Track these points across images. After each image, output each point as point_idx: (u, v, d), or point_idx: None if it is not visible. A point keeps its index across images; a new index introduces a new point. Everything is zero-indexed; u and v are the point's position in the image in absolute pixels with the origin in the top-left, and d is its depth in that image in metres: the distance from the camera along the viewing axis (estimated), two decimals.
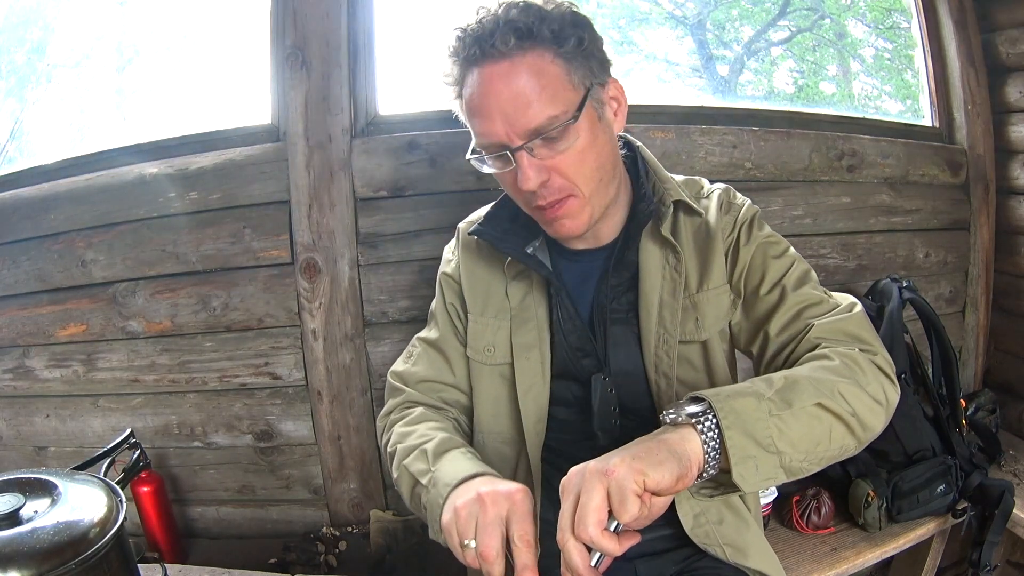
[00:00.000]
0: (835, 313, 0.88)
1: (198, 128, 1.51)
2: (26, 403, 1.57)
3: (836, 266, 1.73)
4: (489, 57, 0.83)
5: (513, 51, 0.82)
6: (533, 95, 0.82)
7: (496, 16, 0.83)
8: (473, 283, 1.04)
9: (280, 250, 1.47)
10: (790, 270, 0.93)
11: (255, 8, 1.45)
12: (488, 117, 0.84)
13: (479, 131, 0.87)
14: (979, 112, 1.81)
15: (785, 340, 0.89)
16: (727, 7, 1.94)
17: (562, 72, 0.83)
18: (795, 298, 0.90)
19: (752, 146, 1.62)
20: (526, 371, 0.99)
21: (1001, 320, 1.93)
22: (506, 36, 0.81)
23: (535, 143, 0.83)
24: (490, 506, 0.72)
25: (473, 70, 0.85)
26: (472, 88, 0.85)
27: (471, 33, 0.84)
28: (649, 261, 0.96)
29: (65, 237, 1.48)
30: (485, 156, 0.88)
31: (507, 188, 0.93)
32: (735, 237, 0.97)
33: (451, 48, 0.87)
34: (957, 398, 1.53)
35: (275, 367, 1.52)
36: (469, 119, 0.89)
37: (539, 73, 0.82)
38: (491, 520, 0.71)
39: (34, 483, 0.65)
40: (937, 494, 1.42)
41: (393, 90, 1.51)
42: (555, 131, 0.83)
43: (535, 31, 0.82)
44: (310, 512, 1.60)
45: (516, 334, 1.00)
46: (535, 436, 1.00)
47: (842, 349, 0.82)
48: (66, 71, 1.68)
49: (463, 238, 1.08)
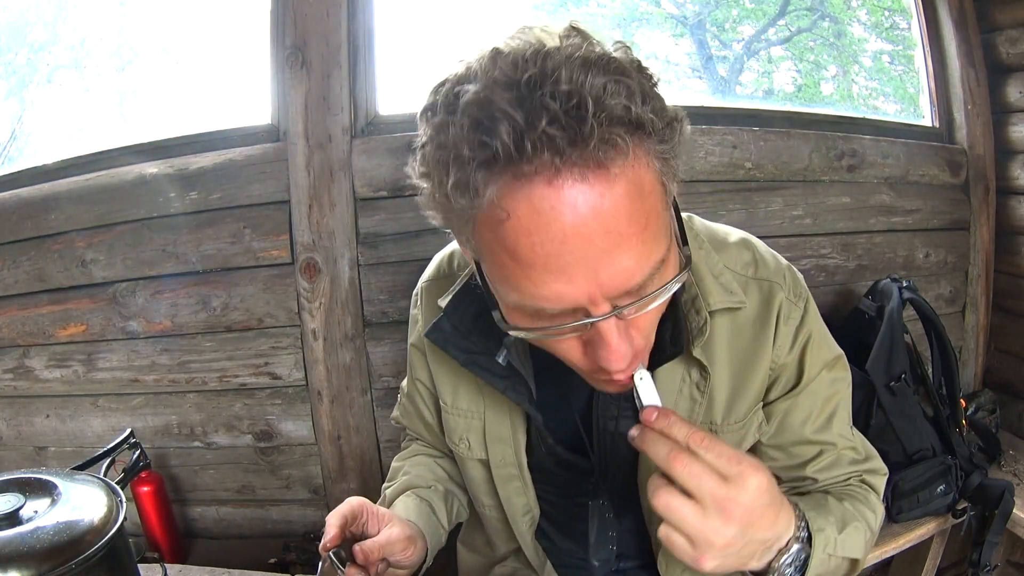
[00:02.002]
0: (875, 473, 0.85)
1: (198, 128, 1.51)
2: (26, 403, 1.57)
3: (836, 266, 1.73)
4: (569, 163, 0.47)
5: (611, 156, 0.48)
6: (636, 232, 0.51)
7: (572, 84, 0.47)
8: (441, 372, 0.87)
9: (280, 250, 1.47)
10: (838, 407, 0.83)
11: (255, 8, 1.45)
12: (564, 274, 0.51)
13: (539, 295, 0.53)
14: (979, 112, 1.81)
15: (826, 481, 0.84)
16: (727, 7, 1.94)
17: (660, 186, 0.54)
18: (843, 443, 0.84)
19: (752, 146, 1.62)
20: (504, 474, 0.87)
21: (1001, 320, 1.93)
22: (609, 129, 0.47)
23: (628, 306, 0.54)
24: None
25: (528, 186, 0.48)
26: (525, 220, 0.49)
27: (513, 102, 0.47)
28: (665, 375, 0.75)
29: (65, 237, 1.48)
30: (537, 331, 0.57)
31: (563, 356, 0.62)
32: (793, 360, 0.79)
33: (459, 126, 0.49)
34: (957, 398, 1.53)
35: (275, 367, 1.52)
36: (513, 272, 0.53)
37: (640, 193, 0.51)
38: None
39: (34, 483, 0.65)
40: (937, 494, 1.42)
41: (393, 90, 1.51)
42: (655, 286, 0.54)
43: (641, 120, 0.49)
44: (310, 512, 1.60)
45: (489, 438, 0.85)
46: (527, 527, 0.91)
47: (875, 500, 0.82)
48: (66, 71, 1.67)
49: (427, 307, 0.87)
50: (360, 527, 0.77)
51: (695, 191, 1.58)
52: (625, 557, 0.93)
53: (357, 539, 0.75)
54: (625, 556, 0.93)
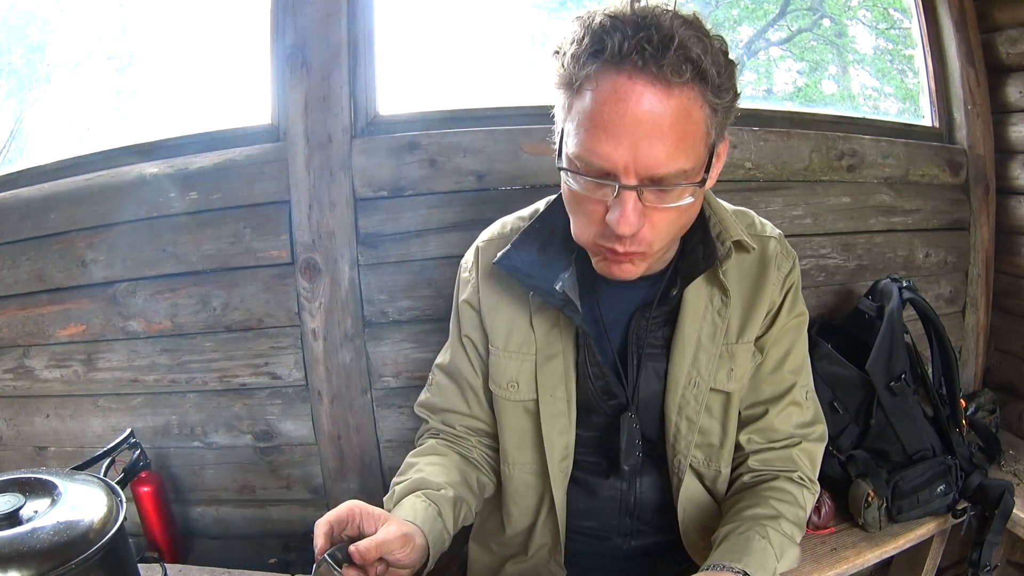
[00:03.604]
0: (814, 440, 0.99)
1: (198, 128, 1.50)
2: (26, 403, 1.57)
3: (836, 266, 1.73)
4: (648, 71, 0.69)
5: (675, 79, 0.69)
6: (673, 139, 0.70)
7: (671, 30, 0.69)
8: (495, 314, 0.98)
9: (280, 250, 1.47)
10: (805, 362, 0.99)
11: (255, 8, 1.45)
12: (615, 138, 0.71)
13: (593, 148, 0.72)
14: (979, 112, 1.81)
15: (776, 432, 0.97)
16: (727, 7, 1.94)
17: (705, 124, 0.73)
18: (799, 396, 0.98)
19: (752, 146, 1.62)
20: (552, 411, 0.96)
21: (1001, 320, 1.93)
22: (680, 61, 0.68)
23: (649, 188, 0.73)
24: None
25: (616, 74, 0.70)
26: (606, 94, 0.70)
27: (631, 25, 0.69)
28: (693, 298, 0.91)
29: (65, 237, 1.48)
30: (580, 175, 0.75)
31: (580, 212, 0.80)
32: (780, 301, 0.95)
33: (590, 28, 0.71)
34: (957, 398, 1.53)
35: (275, 367, 1.52)
36: (583, 126, 0.73)
37: (688, 117, 0.71)
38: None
39: (34, 483, 0.65)
40: (937, 494, 1.42)
41: (393, 90, 1.51)
42: (677, 188, 0.74)
43: (704, 69, 0.70)
44: (310, 512, 1.60)
45: (541, 371, 0.95)
46: (560, 473, 0.99)
47: (806, 497, 0.95)
48: (66, 71, 1.67)
49: (483, 262, 0.99)
50: (355, 529, 0.78)
51: None
52: (640, 522, 1.04)
53: (354, 540, 0.76)
54: (640, 520, 1.04)
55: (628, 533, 1.06)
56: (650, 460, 1.00)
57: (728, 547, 0.84)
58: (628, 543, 1.06)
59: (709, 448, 0.98)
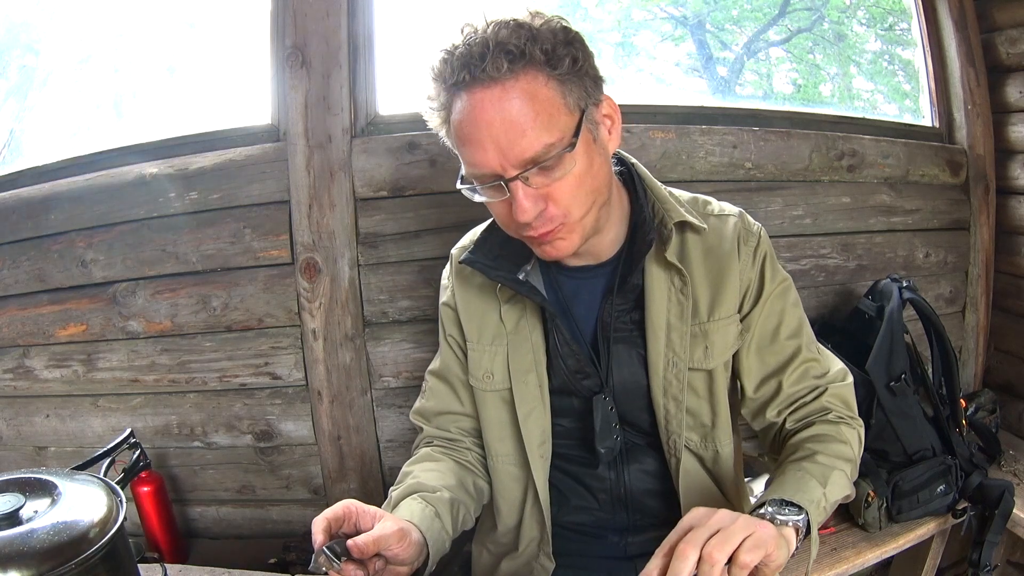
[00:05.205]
0: (839, 382, 1.00)
1: (198, 128, 1.51)
2: (26, 403, 1.57)
3: (836, 266, 1.73)
4: (479, 82, 0.78)
5: (505, 76, 0.77)
6: (527, 122, 0.77)
7: (485, 38, 0.78)
8: (468, 311, 1.04)
9: (280, 250, 1.47)
10: (802, 322, 1.00)
11: (255, 8, 1.45)
12: (480, 146, 0.79)
13: (470, 160, 0.82)
14: (979, 112, 1.81)
15: (798, 393, 0.98)
16: (727, 8, 1.94)
17: (556, 95, 0.79)
18: (807, 354, 0.99)
19: (752, 146, 1.62)
20: (525, 396, 1.00)
21: (1001, 320, 1.93)
22: (497, 60, 0.76)
23: (530, 173, 0.80)
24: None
25: (462, 95, 0.80)
26: (461, 115, 0.80)
27: (459, 56, 0.78)
28: (654, 283, 0.95)
29: (65, 237, 1.48)
30: (477, 186, 0.84)
31: (498, 217, 0.89)
32: (759, 275, 0.98)
33: (436, 71, 0.82)
34: (957, 398, 1.53)
35: (275, 367, 1.52)
36: (458, 147, 0.84)
37: (533, 98, 0.78)
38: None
39: (34, 483, 0.65)
40: (937, 494, 1.42)
41: (393, 90, 1.51)
42: (551, 160, 0.79)
43: (527, 53, 0.77)
44: (310, 512, 1.58)
45: (512, 359, 1.00)
46: (540, 459, 1.01)
47: (846, 430, 0.94)
48: (65, 72, 1.67)
49: (456, 265, 1.06)
50: (352, 527, 0.80)
51: (695, 191, 1.58)
52: (637, 513, 1.05)
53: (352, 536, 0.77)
54: (637, 511, 1.05)
55: (625, 528, 1.06)
56: (639, 448, 1.02)
57: (765, 493, 0.84)
58: (626, 540, 1.06)
59: (703, 428, 1.00)
